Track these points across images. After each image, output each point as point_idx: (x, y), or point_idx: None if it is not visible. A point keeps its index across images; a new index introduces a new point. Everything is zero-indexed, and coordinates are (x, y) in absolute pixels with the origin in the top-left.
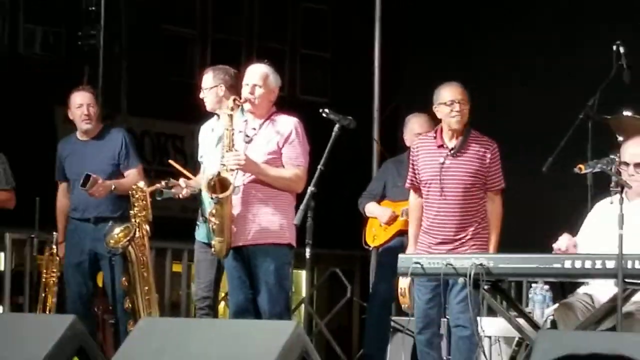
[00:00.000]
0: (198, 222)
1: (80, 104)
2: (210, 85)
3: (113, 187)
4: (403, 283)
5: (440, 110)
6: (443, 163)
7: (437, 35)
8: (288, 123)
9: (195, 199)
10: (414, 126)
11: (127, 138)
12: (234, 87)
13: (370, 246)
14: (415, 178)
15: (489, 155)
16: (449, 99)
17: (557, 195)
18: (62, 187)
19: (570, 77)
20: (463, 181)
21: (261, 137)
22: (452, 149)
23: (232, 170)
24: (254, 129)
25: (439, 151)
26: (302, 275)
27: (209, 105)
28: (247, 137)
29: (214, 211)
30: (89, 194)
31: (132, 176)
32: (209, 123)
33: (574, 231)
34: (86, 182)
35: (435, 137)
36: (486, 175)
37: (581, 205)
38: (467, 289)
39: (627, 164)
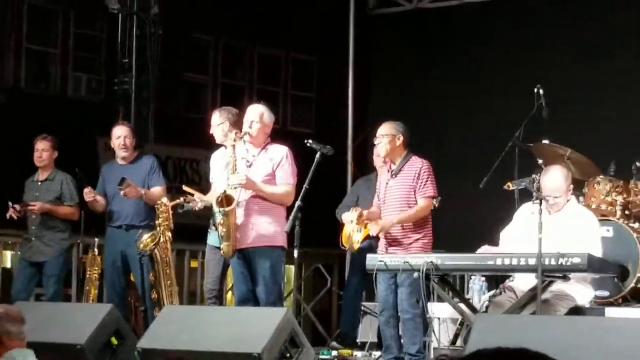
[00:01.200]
0: (209, 230)
1: (119, 135)
2: (218, 123)
3: (143, 192)
4: (348, 228)
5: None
6: (387, 183)
7: (397, 81)
8: (280, 150)
9: (207, 210)
10: (376, 150)
11: (156, 163)
12: (237, 123)
13: (345, 247)
14: (377, 198)
15: (418, 172)
16: (376, 134)
17: (490, 206)
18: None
19: (502, 113)
20: (399, 196)
21: (259, 162)
22: (392, 171)
23: (235, 188)
24: (254, 156)
25: (387, 174)
26: (292, 269)
27: (218, 139)
28: (248, 162)
29: (221, 221)
30: (123, 193)
31: (157, 191)
32: (218, 152)
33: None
34: (121, 183)
35: (388, 164)
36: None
37: (510, 214)
38: (410, 281)
39: (547, 198)
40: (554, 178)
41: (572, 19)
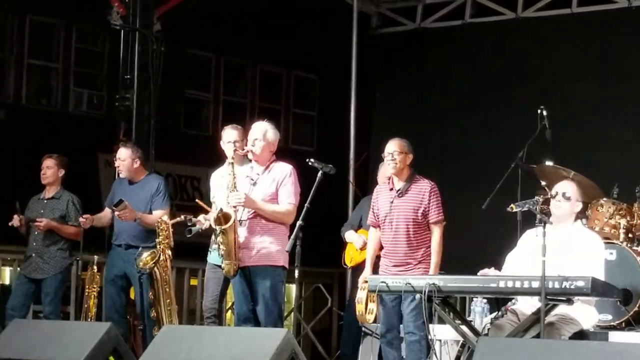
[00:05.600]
0: (210, 249)
1: (117, 158)
2: (241, 139)
3: (138, 216)
4: (361, 294)
5: (384, 160)
6: (392, 202)
7: (399, 100)
8: (284, 169)
9: (209, 229)
10: (384, 171)
11: (162, 185)
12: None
13: (347, 266)
14: (375, 216)
15: (427, 195)
16: (386, 151)
17: (493, 228)
18: (107, 210)
19: (505, 133)
20: (407, 216)
21: (263, 181)
22: (399, 190)
23: (234, 207)
24: (258, 174)
25: (390, 193)
26: (293, 288)
27: (233, 154)
28: (252, 181)
29: (221, 239)
30: (117, 215)
31: (157, 215)
32: (219, 171)
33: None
34: (118, 205)
35: (389, 183)
36: (426, 211)
37: (513, 236)
38: (416, 303)
39: (556, 194)
40: (565, 183)
41: (575, 40)
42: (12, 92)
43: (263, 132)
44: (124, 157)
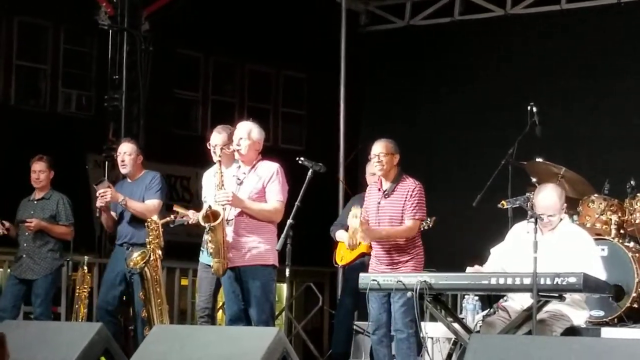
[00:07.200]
0: (202, 248)
1: (123, 152)
2: (225, 142)
3: (121, 198)
4: (354, 223)
5: (370, 162)
6: (379, 203)
7: (388, 98)
8: (271, 167)
9: (198, 228)
10: (370, 168)
11: (158, 179)
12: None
13: (338, 264)
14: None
15: (410, 193)
16: (372, 153)
17: (484, 225)
18: (112, 213)
19: (496, 130)
20: (392, 216)
21: (249, 180)
22: (385, 191)
23: (223, 205)
24: (244, 173)
25: (378, 194)
26: (284, 287)
27: (219, 152)
28: (239, 180)
29: (209, 237)
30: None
31: (147, 205)
32: (211, 170)
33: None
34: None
35: (378, 183)
36: (405, 209)
37: (503, 232)
38: (405, 299)
39: (541, 216)
40: (547, 196)
41: (564, 36)
42: (0, 93)
43: (247, 131)
44: (131, 151)
